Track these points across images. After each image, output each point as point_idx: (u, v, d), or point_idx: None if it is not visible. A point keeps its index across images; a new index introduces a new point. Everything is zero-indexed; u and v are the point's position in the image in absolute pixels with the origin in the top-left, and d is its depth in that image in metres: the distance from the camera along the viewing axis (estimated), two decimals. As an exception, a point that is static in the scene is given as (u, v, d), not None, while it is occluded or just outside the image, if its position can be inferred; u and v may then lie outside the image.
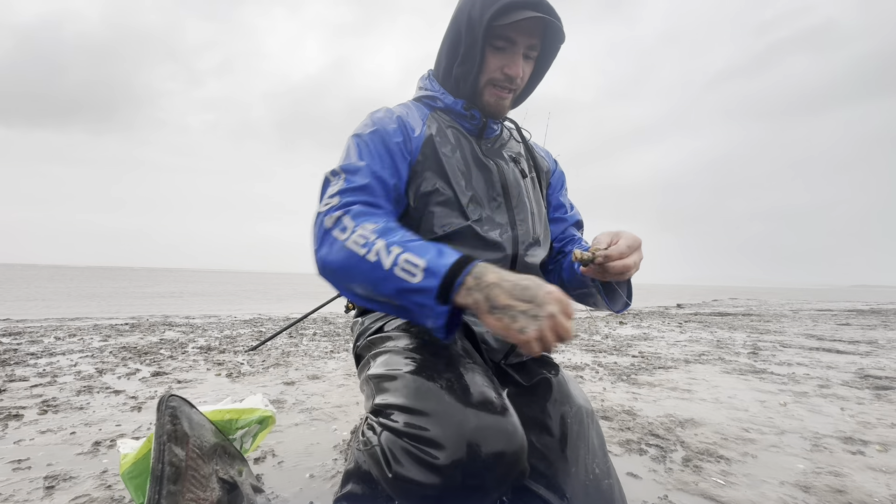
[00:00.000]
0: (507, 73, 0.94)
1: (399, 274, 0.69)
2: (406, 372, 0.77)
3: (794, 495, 1.29)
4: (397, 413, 0.71)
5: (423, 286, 0.67)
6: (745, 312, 9.78)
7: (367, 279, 0.72)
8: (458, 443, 0.64)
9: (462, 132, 1.01)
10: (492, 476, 0.65)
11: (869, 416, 2.08)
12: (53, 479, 1.23)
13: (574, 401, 0.95)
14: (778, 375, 2.95)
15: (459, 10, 0.95)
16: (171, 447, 0.85)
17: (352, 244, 0.74)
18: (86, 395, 2.08)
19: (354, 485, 1.02)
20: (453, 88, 1.01)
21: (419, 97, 1.06)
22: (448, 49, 0.99)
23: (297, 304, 10.92)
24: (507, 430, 0.68)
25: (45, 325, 4.77)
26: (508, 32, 0.91)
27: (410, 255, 0.69)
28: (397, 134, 0.94)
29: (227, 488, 0.95)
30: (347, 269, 0.75)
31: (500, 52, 0.94)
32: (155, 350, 3.31)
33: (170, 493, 0.79)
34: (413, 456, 0.65)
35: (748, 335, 5.29)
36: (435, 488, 0.63)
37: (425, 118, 1.00)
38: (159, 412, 0.89)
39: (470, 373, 0.77)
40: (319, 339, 4.06)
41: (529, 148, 1.13)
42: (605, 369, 3.03)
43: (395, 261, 0.70)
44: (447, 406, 0.69)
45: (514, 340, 0.63)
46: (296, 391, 2.27)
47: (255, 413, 1.21)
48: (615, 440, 1.68)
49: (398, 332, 0.91)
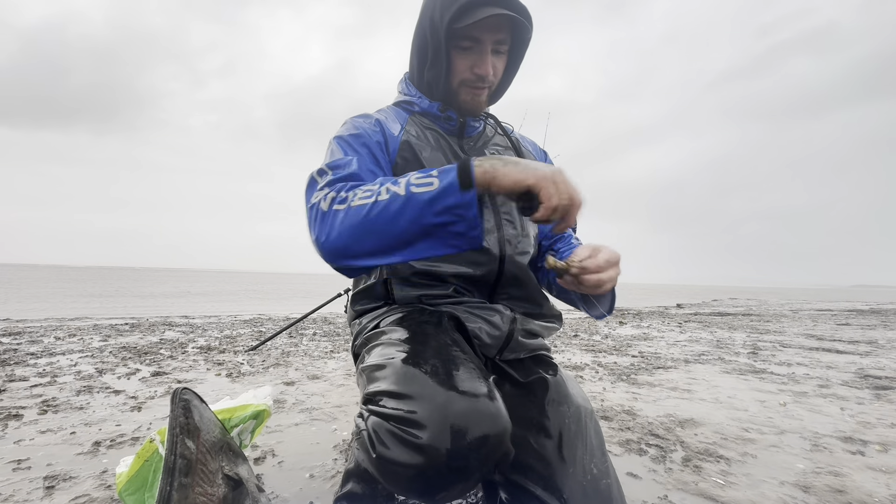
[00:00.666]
0: (476, 73, 0.94)
1: (416, 191, 0.71)
2: (396, 360, 0.78)
3: (793, 495, 1.29)
4: (385, 399, 0.71)
5: (444, 185, 0.70)
6: (745, 312, 9.78)
7: (384, 220, 0.72)
8: (441, 423, 0.64)
9: (441, 134, 1.01)
10: (475, 457, 0.65)
11: (869, 416, 2.08)
12: (53, 479, 1.23)
13: (572, 400, 0.95)
14: (778, 375, 2.95)
15: (422, 14, 0.95)
16: (184, 440, 0.84)
17: (358, 202, 0.75)
18: (86, 395, 2.08)
19: (354, 484, 1.01)
20: (427, 91, 1.02)
21: (398, 102, 1.08)
22: (417, 53, 1.00)
23: (298, 304, 10.91)
24: (490, 413, 0.68)
25: (45, 325, 4.76)
26: (472, 32, 0.91)
27: (417, 175, 0.73)
28: (377, 135, 0.95)
29: (231, 485, 0.95)
30: (360, 227, 0.74)
31: (466, 51, 0.94)
32: (155, 350, 3.31)
33: (181, 486, 0.79)
34: (397, 437, 0.65)
35: (748, 335, 5.29)
36: (417, 468, 0.63)
37: (405, 122, 1.02)
38: (173, 404, 0.89)
39: (456, 359, 0.78)
40: (319, 339, 4.06)
41: (514, 142, 1.12)
42: (604, 369, 3.03)
43: (406, 185, 0.72)
44: (431, 388, 0.69)
45: (532, 180, 0.69)
46: (296, 391, 2.27)
47: (247, 409, 1.21)
48: (615, 440, 1.68)
49: (392, 326, 0.92)
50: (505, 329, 0.97)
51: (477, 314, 0.96)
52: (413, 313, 0.94)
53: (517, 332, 0.99)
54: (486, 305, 0.99)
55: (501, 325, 0.97)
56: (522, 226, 1.02)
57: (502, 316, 0.98)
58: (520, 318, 1.00)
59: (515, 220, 1.01)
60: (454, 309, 0.96)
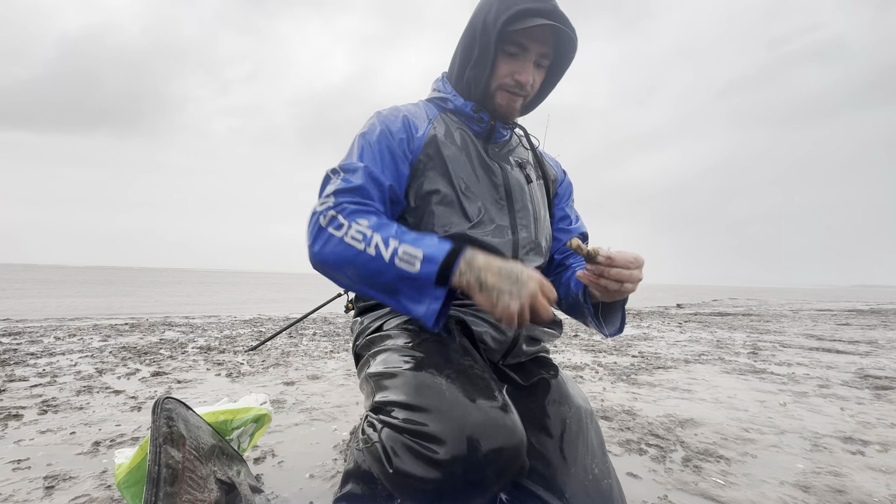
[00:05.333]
0: (517, 79, 0.95)
1: (399, 264, 0.75)
2: (406, 369, 0.78)
3: (793, 495, 1.29)
4: (398, 410, 0.72)
5: (422, 273, 0.74)
6: (745, 312, 9.78)
7: (366, 270, 0.78)
8: (458, 438, 0.65)
9: (469, 134, 1.01)
10: (492, 471, 0.65)
11: (869, 416, 2.08)
12: (53, 479, 1.23)
13: (573, 401, 0.95)
14: (778, 375, 2.95)
15: (476, 15, 0.96)
16: (167, 449, 0.85)
17: (350, 240, 0.79)
18: (86, 395, 2.08)
19: (354, 485, 1.01)
20: (465, 91, 1.02)
21: (431, 98, 1.08)
22: (462, 52, 1.00)
23: (298, 304, 10.92)
24: (507, 426, 0.69)
25: (45, 325, 4.76)
26: (521, 39, 0.92)
27: (408, 246, 0.77)
28: (401, 132, 0.96)
29: (225, 489, 0.95)
30: (345, 261, 0.79)
31: (512, 57, 0.95)
32: (155, 350, 3.31)
33: (167, 495, 0.79)
34: (413, 451, 0.66)
35: (748, 335, 5.29)
36: (435, 483, 0.64)
37: (434, 118, 1.01)
38: (154, 415, 0.89)
39: (470, 370, 0.78)
40: (319, 339, 4.06)
41: (538, 155, 1.13)
42: (604, 369, 3.03)
43: (393, 253, 0.76)
44: (448, 402, 0.70)
45: (498, 314, 0.72)
46: (296, 391, 2.27)
47: (249, 412, 1.21)
48: (615, 440, 1.68)
49: (397, 330, 0.92)
50: (510, 334, 0.97)
51: (483, 318, 0.96)
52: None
53: (522, 338, 0.99)
54: None
55: (507, 330, 0.97)
56: (536, 232, 1.02)
57: None
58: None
59: (530, 223, 1.01)
60: (460, 312, 0.96)
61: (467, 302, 0.99)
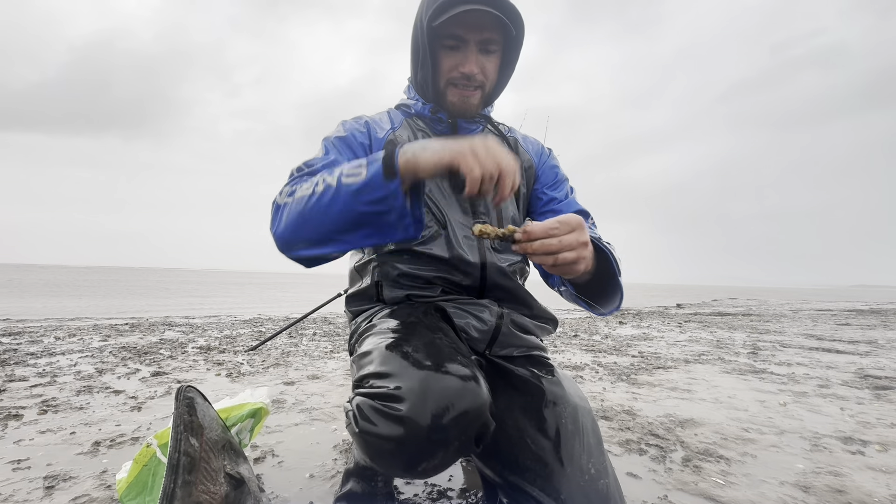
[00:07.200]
0: (462, 71, 0.95)
1: (346, 181, 0.72)
2: (382, 345, 0.81)
3: (793, 495, 1.29)
4: (373, 380, 0.74)
5: (369, 174, 0.71)
6: (745, 312, 9.78)
7: (319, 211, 0.75)
8: (419, 395, 0.67)
9: (432, 137, 1.02)
10: (454, 426, 0.67)
11: (868, 415, 2.08)
12: (53, 479, 1.23)
13: (569, 399, 0.95)
14: (777, 375, 2.95)
15: (415, 16, 0.97)
16: (188, 437, 0.85)
17: (299, 195, 0.78)
18: (86, 395, 2.08)
19: (354, 484, 1.01)
20: (422, 93, 1.03)
21: (398, 105, 1.10)
22: (412, 56, 1.01)
23: (297, 305, 10.91)
24: (468, 386, 0.70)
25: (44, 325, 4.76)
26: (455, 30, 0.91)
27: (350, 165, 0.75)
28: (363, 136, 0.99)
29: (234, 484, 0.95)
30: (300, 217, 0.77)
31: (452, 50, 0.94)
32: (155, 350, 3.31)
33: (185, 483, 0.79)
34: (379, 411, 0.68)
35: (748, 335, 5.29)
36: (398, 439, 0.65)
37: (399, 124, 1.03)
38: (177, 402, 0.90)
39: (438, 341, 0.80)
40: (319, 339, 4.06)
41: (510, 143, 1.11)
42: (604, 369, 3.03)
43: (339, 176, 0.74)
44: (410, 364, 0.72)
45: (448, 157, 0.68)
46: (296, 391, 2.27)
47: (244, 408, 1.22)
48: (615, 440, 1.68)
49: (383, 318, 0.94)
50: (492, 322, 0.98)
51: (465, 310, 0.98)
52: (403, 307, 0.97)
53: (505, 325, 0.99)
54: (474, 301, 1.00)
55: (489, 318, 0.98)
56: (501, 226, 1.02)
57: (490, 310, 0.99)
58: (507, 312, 1.01)
59: (493, 220, 1.02)
60: (443, 304, 0.98)
61: (450, 297, 1.00)
